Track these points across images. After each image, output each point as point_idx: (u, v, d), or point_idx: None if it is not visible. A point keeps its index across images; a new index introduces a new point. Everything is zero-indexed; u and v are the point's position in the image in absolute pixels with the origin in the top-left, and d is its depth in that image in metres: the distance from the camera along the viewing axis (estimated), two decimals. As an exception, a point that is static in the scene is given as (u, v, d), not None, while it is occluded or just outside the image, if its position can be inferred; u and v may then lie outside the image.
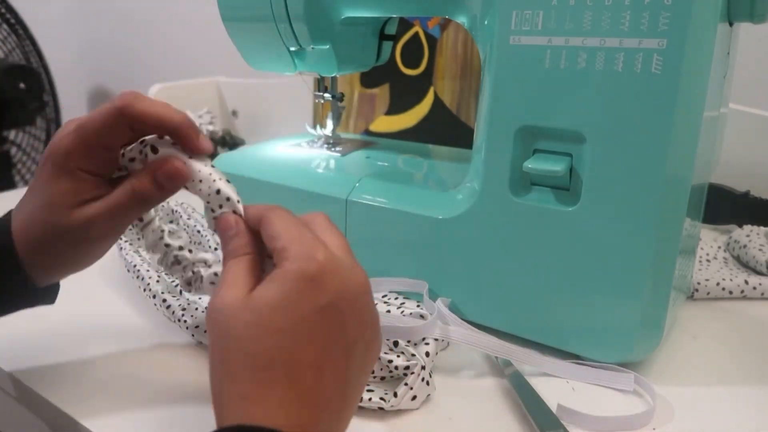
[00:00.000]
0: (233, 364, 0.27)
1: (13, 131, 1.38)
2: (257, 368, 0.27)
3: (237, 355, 0.27)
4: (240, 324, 0.28)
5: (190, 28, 1.28)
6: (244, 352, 0.27)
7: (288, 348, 0.27)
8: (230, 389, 0.27)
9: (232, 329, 0.28)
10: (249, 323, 0.27)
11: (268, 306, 0.28)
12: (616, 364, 0.44)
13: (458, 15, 0.51)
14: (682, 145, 0.39)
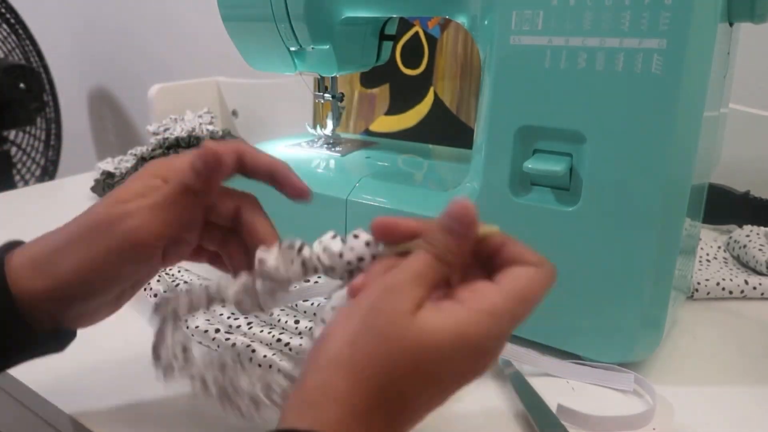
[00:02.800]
0: (370, 374, 0.25)
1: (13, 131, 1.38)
2: (386, 395, 0.25)
3: (379, 371, 0.25)
4: (403, 346, 0.25)
5: (190, 28, 1.28)
6: (389, 375, 0.25)
7: (419, 394, 0.26)
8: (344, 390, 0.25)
9: (391, 340, 0.26)
10: (410, 352, 0.25)
11: (430, 348, 0.26)
12: (616, 364, 0.44)
13: (458, 15, 0.51)
14: (682, 145, 0.39)
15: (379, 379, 0.25)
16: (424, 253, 0.28)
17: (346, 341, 0.26)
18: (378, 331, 0.26)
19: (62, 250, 0.33)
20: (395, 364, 0.25)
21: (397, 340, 0.25)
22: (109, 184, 0.84)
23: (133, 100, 1.49)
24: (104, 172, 0.87)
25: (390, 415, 0.26)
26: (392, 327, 0.26)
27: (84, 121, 1.65)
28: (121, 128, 1.55)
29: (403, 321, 0.26)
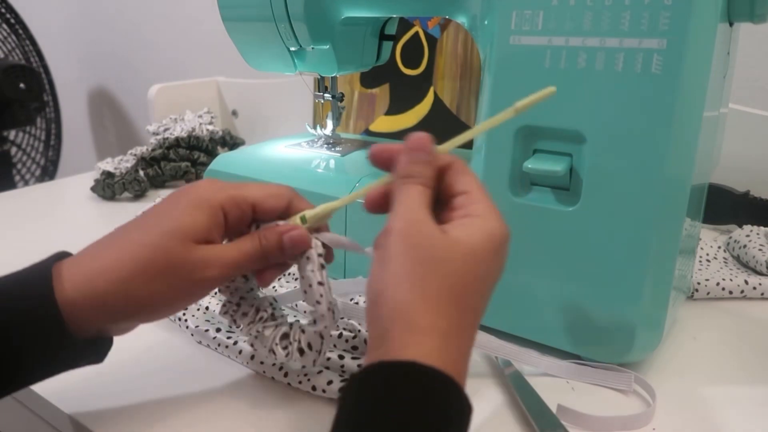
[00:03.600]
0: (440, 295, 0.28)
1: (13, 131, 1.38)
2: (461, 309, 0.28)
3: (446, 289, 0.28)
4: (455, 261, 0.29)
5: (190, 28, 1.28)
6: (455, 289, 0.28)
7: (481, 297, 0.30)
8: (427, 320, 0.27)
9: (445, 262, 0.29)
10: (463, 263, 0.29)
11: (477, 250, 0.29)
12: (616, 364, 0.44)
13: (458, 15, 0.51)
14: (682, 145, 0.39)
15: (450, 299, 0.28)
16: (413, 185, 0.32)
17: (406, 282, 0.28)
18: (429, 259, 0.28)
19: (129, 283, 0.32)
20: (460, 281, 0.29)
21: (451, 260, 0.29)
22: (108, 184, 0.84)
23: (133, 100, 1.49)
24: (104, 172, 0.87)
25: (466, 326, 0.29)
26: (440, 250, 0.29)
27: (84, 121, 1.65)
28: (121, 128, 1.55)
29: (445, 242, 0.29)
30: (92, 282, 0.32)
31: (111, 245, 0.34)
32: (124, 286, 0.32)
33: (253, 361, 0.44)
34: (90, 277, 0.32)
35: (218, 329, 0.47)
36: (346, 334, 0.44)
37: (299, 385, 0.41)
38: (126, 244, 0.33)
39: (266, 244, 0.35)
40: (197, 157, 0.93)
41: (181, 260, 0.33)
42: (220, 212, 0.35)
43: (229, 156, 0.67)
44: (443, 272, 0.28)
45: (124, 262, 0.33)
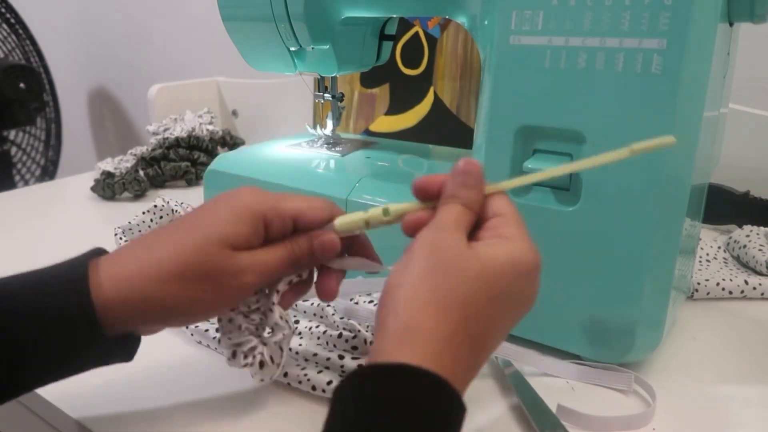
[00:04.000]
0: (448, 300, 0.28)
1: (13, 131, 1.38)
2: (468, 317, 0.28)
3: (456, 296, 0.28)
4: (471, 271, 0.29)
5: (190, 28, 1.28)
6: (465, 297, 0.29)
7: (494, 315, 0.30)
8: (429, 321, 0.28)
9: (461, 271, 0.29)
10: (478, 276, 0.29)
11: (496, 267, 0.30)
12: (616, 364, 0.44)
13: (458, 15, 0.51)
14: (682, 145, 0.39)
15: (460, 308, 0.28)
16: (455, 204, 0.32)
17: (419, 283, 0.29)
18: (447, 266, 0.29)
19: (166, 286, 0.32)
20: (471, 291, 0.29)
21: (467, 270, 0.29)
22: (108, 184, 0.84)
23: (133, 100, 1.49)
24: (104, 172, 0.87)
25: (473, 341, 0.29)
26: (459, 260, 0.29)
27: (84, 121, 1.65)
28: (121, 128, 1.55)
29: (466, 253, 0.30)
30: (130, 282, 0.32)
31: (151, 247, 0.34)
32: (161, 289, 0.32)
33: None
34: (128, 276, 0.32)
35: (218, 329, 0.47)
36: (346, 334, 0.44)
37: (299, 385, 0.41)
38: (167, 246, 0.33)
39: (297, 250, 0.36)
40: (197, 157, 0.93)
41: (221, 266, 0.33)
42: (262, 223, 0.35)
43: (229, 156, 0.67)
44: (458, 280, 0.29)
45: (163, 265, 0.33)
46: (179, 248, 0.33)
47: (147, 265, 0.33)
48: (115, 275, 0.32)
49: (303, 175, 0.59)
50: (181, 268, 0.33)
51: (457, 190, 0.33)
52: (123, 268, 0.33)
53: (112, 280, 0.32)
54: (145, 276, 0.32)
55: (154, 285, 0.32)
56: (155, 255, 0.33)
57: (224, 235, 0.33)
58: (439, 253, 0.30)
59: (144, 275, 0.32)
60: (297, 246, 0.36)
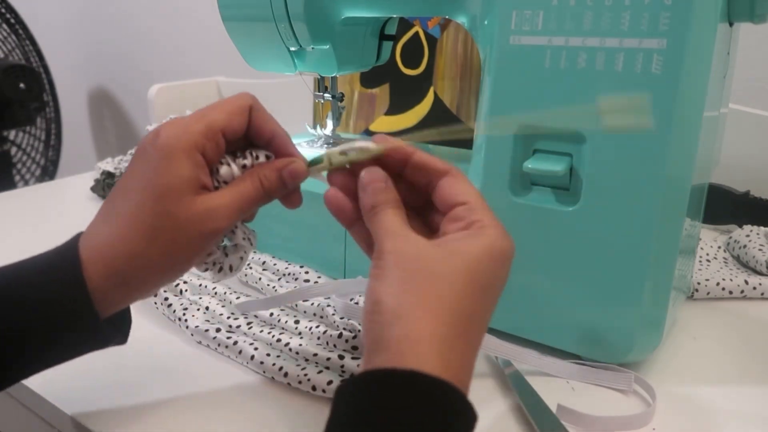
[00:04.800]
0: (438, 304, 0.28)
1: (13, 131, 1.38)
2: (460, 316, 0.28)
3: (444, 298, 0.28)
4: (449, 270, 0.29)
5: (190, 28, 1.28)
6: (453, 298, 0.29)
7: (482, 307, 0.30)
8: (426, 327, 0.27)
9: (442, 274, 0.29)
10: (461, 274, 0.29)
11: (476, 261, 0.30)
12: (616, 364, 0.44)
13: (458, 15, 0.51)
14: (682, 145, 0.39)
15: (451, 309, 0.28)
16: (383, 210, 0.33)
17: (403, 293, 0.29)
18: (422, 271, 0.29)
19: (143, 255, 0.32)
20: (457, 290, 0.29)
21: (450, 271, 0.29)
22: (109, 184, 0.84)
23: (133, 100, 1.49)
24: (104, 172, 0.87)
25: (469, 333, 0.29)
26: (433, 264, 0.29)
27: (84, 121, 1.65)
28: (121, 128, 1.55)
29: (438, 255, 0.30)
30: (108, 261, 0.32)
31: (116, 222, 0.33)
32: (142, 261, 0.32)
33: (253, 361, 0.44)
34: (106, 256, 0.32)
35: (218, 329, 0.47)
36: (346, 334, 0.44)
37: (299, 385, 0.41)
38: (130, 219, 0.33)
39: (267, 184, 0.35)
40: (197, 157, 0.93)
41: (186, 218, 0.32)
42: (197, 154, 0.33)
43: (229, 156, 0.67)
44: (441, 284, 0.29)
45: (135, 238, 0.33)
46: (142, 215, 0.33)
47: (121, 242, 0.33)
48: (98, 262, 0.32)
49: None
50: (150, 234, 0.32)
51: (376, 199, 0.33)
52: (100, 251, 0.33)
53: (98, 268, 0.32)
54: (123, 253, 0.32)
55: (135, 259, 0.32)
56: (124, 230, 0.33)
57: (172, 185, 0.32)
58: (412, 261, 0.29)
59: (123, 253, 0.32)
60: (266, 180, 0.35)
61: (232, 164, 0.35)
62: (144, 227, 0.32)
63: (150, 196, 0.32)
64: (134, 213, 0.33)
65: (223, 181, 0.35)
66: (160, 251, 0.33)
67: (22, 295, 0.32)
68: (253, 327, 0.47)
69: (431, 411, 0.25)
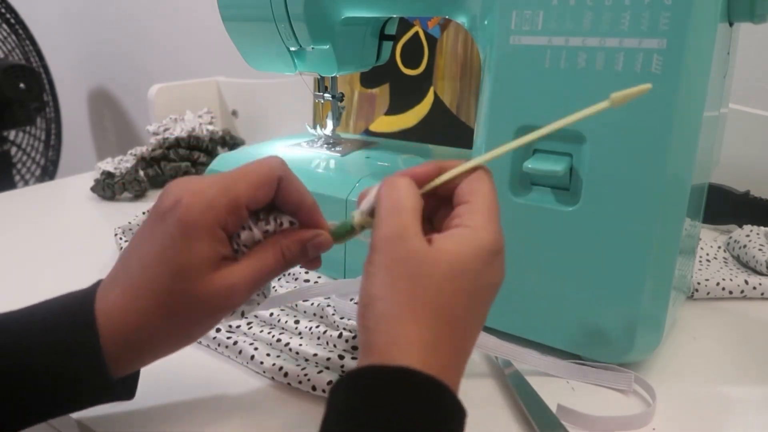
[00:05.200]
0: (423, 308, 0.28)
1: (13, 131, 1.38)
2: (446, 319, 0.28)
3: (428, 301, 0.28)
4: (437, 273, 0.29)
5: (190, 28, 1.28)
6: (437, 301, 0.28)
7: (468, 309, 0.29)
8: (411, 330, 0.28)
9: (427, 276, 0.28)
10: (446, 276, 0.29)
11: (462, 262, 0.29)
12: (616, 364, 0.44)
13: (458, 15, 0.51)
14: (682, 145, 0.39)
15: (437, 312, 0.28)
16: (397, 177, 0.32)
17: (390, 295, 0.28)
18: (414, 272, 0.28)
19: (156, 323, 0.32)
20: (443, 293, 0.28)
21: (435, 273, 0.28)
22: (108, 184, 0.84)
23: (133, 100, 1.49)
24: (104, 172, 0.87)
25: (455, 340, 0.29)
26: (424, 264, 0.29)
27: (84, 121, 1.65)
28: (121, 128, 1.55)
29: (427, 255, 0.29)
30: (126, 335, 0.32)
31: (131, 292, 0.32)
32: (156, 333, 0.32)
33: (253, 361, 0.44)
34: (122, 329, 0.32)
35: (218, 329, 0.47)
36: (346, 334, 0.44)
37: (299, 385, 0.41)
38: (145, 293, 0.32)
39: (289, 256, 0.34)
40: (197, 157, 0.93)
41: (205, 296, 0.31)
42: (219, 230, 0.32)
43: (229, 156, 0.67)
44: (427, 285, 0.28)
45: (149, 314, 0.32)
46: (159, 292, 0.31)
47: (131, 312, 0.32)
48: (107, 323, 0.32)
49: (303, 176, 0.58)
50: (167, 309, 0.31)
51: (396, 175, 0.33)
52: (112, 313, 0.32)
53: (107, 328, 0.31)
54: (130, 323, 0.32)
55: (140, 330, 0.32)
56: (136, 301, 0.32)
57: (191, 265, 0.31)
58: (400, 262, 0.29)
59: (129, 322, 0.32)
60: (288, 251, 0.34)
61: (254, 228, 0.34)
62: (159, 304, 0.31)
63: (167, 271, 0.31)
64: (150, 287, 0.31)
65: (243, 245, 0.34)
66: (175, 326, 0.32)
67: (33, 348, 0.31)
68: (253, 327, 0.47)
69: (422, 407, 0.26)
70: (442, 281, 0.28)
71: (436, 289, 0.28)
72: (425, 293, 0.28)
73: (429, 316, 0.28)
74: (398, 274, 0.29)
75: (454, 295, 0.29)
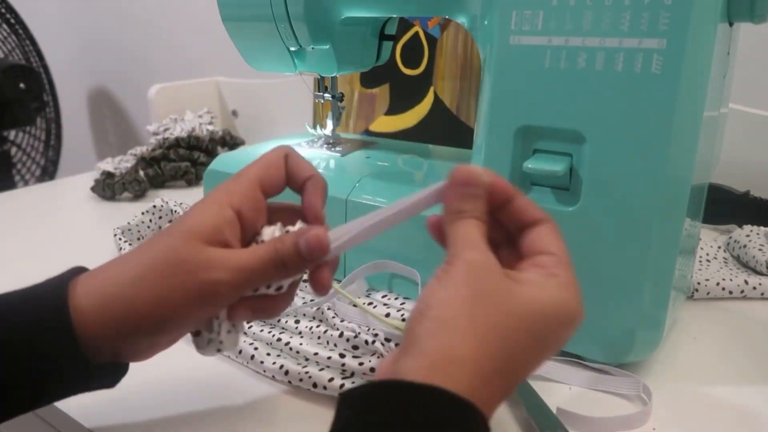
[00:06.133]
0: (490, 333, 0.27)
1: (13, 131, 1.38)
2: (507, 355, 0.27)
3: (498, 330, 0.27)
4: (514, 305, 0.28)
5: (190, 28, 1.28)
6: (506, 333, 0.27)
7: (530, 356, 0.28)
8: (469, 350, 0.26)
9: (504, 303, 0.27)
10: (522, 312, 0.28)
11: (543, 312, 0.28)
12: (616, 364, 0.44)
13: (458, 15, 0.51)
14: (682, 145, 0.39)
15: (501, 344, 0.27)
16: (468, 218, 0.30)
17: (460, 308, 0.27)
18: (490, 297, 0.27)
19: (135, 284, 0.31)
20: (512, 329, 0.27)
21: (511, 308, 0.27)
22: (108, 184, 0.84)
23: (133, 100, 1.49)
24: (104, 172, 0.87)
25: (506, 376, 0.27)
26: (503, 293, 0.28)
27: (84, 121, 1.65)
28: (121, 128, 1.55)
29: (511, 287, 0.28)
30: (102, 288, 0.32)
31: (124, 256, 0.33)
32: (129, 290, 0.31)
33: (253, 361, 0.44)
34: (101, 286, 0.32)
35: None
36: (347, 334, 0.44)
37: (300, 383, 0.41)
38: (135, 251, 0.33)
39: (281, 248, 0.32)
40: (197, 157, 0.93)
41: (183, 258, 0.31)
42: (229, 209, 0.33)
43: (229, 156, 0.67)
44: (499, 316, 0.27)
45: (130, 266, 0.32)
46: (146, 248, 0.32)
47: (117, 270, 0.32)
48: (90, 290, 0.32)
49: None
50: (146, 265, 0.31)
51: (462, 204, 0.31)
52: (98, 277, 0.32)
53: (87, 291, 0.31)
54: (114, 279, 0.32)
55: (122, 287, 0.31)
56: (125, 259, 0.32)
57: (189, 226, 0.32)
58: (481, 280, 0.28)
59: (113, 278, 0.32)
60: (281, 244, 0.33)
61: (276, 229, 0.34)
62: (143, 258, 0.32)
63: (166, 234, 0.32)
64: (143, 246, 0.32)
65: (262, 240, 0.34)
66: (149, 285, 0.31)
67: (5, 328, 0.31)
68: (253, 326, 0.47)
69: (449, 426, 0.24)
70: (516, 318, 0.27)
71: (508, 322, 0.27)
72: (497, 323, 0.27)
73: (492, 345, 0.27)
74: (475, 291, 0.27)
75: (522, 337, 0.27)
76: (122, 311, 0.31)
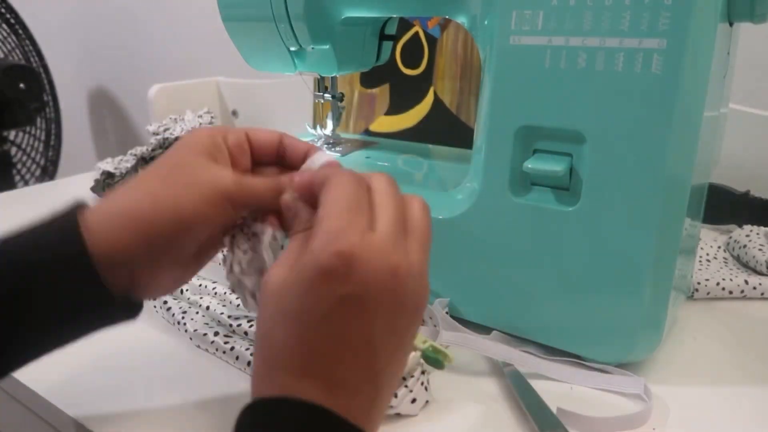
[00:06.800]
0: (270, 346, 0.28)
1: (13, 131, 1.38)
2: (279, 354, 0.28)
3: (266, 338, 0.28)
4: (269, 306, 0.28)
5: (190, 28, 1.28)
6: (269, 335, 0.28)
7: (300, 336, 0.27)
8: (264, 370, 0.29)
9: (269, 311, 0.28)
10: (268, 307, 0.28)
11: (281, 290, 0.28)
12: (616, 364, 0.44)
13: (458, 15, 0.51)
14: (682, 145, 0.39)
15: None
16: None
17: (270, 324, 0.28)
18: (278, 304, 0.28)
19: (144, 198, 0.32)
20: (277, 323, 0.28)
21: (270, 305, 0.28)
22: (109, 184, 0.84)
23: (133, 100, 1.49)
24: (104, 172, 0.87)
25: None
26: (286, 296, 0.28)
27: (84, 121, 1.65)
28: (121, 128, 1.55)
29: (285, 280, 0.28)
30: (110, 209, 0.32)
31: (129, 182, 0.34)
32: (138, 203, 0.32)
33: (250, 367, 0.44)
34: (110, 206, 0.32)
35: (216, 333, 0.47)
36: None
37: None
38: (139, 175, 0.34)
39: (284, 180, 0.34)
40: (197, 157, 0.93)
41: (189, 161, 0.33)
42: (219, 137, 0.34)
43: (229, 156, 0.67)
44: (267, 318, 0.28)
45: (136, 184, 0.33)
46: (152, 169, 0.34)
47: (126, 190, 0.33)
48: (105, 213, 0.32)
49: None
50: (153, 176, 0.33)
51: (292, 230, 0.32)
52: (106, 204, 0.33)
53: (102, 220, 0.32)
54: (124, 199, 0.33)
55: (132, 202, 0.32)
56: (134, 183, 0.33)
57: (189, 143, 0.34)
58: (273, 294, 0.28)
59: (123, 198, 0.33)
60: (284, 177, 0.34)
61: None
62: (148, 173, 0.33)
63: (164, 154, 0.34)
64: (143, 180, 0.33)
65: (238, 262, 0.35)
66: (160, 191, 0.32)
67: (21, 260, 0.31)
68: (254, 327, 0.47)
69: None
70: (269, 313, 0.28)
71: (266, 321, 0.29)
72: (265, 327, 0.29)
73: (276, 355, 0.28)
74: (271, 305, 0.29)
75: (281, 324, 0.28)
76: (134, 223, 0.32)
